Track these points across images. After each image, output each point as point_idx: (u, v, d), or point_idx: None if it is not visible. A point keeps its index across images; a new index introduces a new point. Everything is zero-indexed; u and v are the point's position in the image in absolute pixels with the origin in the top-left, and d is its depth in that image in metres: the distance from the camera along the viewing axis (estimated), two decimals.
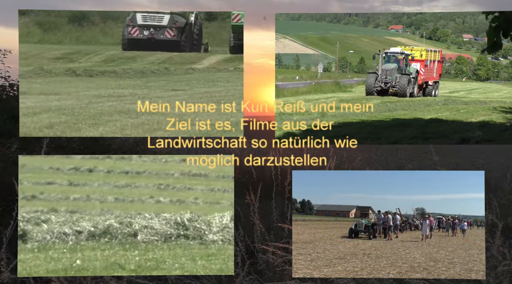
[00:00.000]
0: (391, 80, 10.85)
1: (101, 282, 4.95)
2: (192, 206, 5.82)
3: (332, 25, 13.57)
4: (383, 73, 10.94)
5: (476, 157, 12.10)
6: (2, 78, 8.76)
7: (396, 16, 12.81)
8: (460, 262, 4.94)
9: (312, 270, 4.73)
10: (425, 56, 11.30)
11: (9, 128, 7.73)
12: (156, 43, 10.43)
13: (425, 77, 11.14)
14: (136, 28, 10.34)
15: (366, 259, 4.96)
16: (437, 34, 12.59)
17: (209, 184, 6.36)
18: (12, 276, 4.80)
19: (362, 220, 5.78)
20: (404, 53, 11.39)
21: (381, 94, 10.68)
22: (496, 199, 5.84)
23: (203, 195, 6.14)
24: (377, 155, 10.40)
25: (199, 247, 5.12)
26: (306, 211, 5.35)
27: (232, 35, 10.02)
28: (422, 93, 11.08)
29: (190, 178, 6.40)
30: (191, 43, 11.09)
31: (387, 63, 11.27)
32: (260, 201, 5.73)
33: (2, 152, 8.11)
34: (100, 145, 8.72)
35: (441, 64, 11.41)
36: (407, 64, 11.22)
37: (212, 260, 4.93)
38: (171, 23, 10.56)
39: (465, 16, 12.74)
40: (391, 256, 5.06)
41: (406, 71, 11.15)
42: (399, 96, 10.38)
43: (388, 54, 11.54)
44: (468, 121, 7.23)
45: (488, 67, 11.24)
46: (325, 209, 5.77)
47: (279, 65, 11.52)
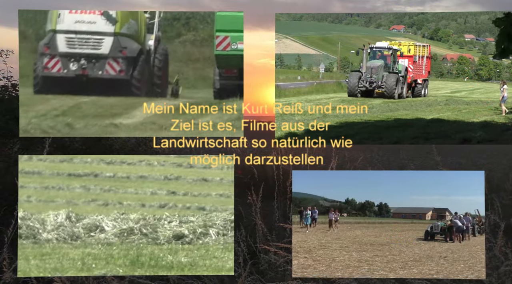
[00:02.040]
0: (377, 79, 9.88)
1: (103, 282, 4.95)
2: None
3: (333, 25, 13.50)
4: (367, 71, 10.01)
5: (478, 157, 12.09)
6: (5, 78, 8.77)
7: (397, 16, 12.73)
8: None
9: (388, 272, 4.69)
10: (414, 51, 10.47)
11: (11, 128, 7.75)
12: (90, 83, 6.76)
13: (414, 75, 10.24)
14: (57, 59, 6.81)
15: (442, 262, 4.88)
16: (438, 34, 12.52)
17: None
18: (14, 276, 4.80)
19: (438, 222, 5.67)
20: (392, 48, 10.52)
21: (366, 95, 9.68)
22: (498, 199, 5.83)
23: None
24: (379, 155, 10.36)
25: (33, 246, 5.06)
26: (383, 214, 5.34)
27: (217, 71, 6.65)
28: (411, 93, 10.13)
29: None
30: (149, 82, 7.17)
31: (373, 60, 10.48)
32: (262, 201, 5.74)
33: (4, 152, 8.13)
34: (102, 145, 8.74)
35: (430, 60, 10.75)
36: (395, 60, 10.37)
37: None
38: (115, 50, 6.87)
39: (466, 16, 12.70)
40: (469, 260, 4.93)
41: (394, 69, 10.27)
42: (386, 98, 9.49)
43: (374, 50, 10.74)
44: (469, 121, 7.22)
45: (490, 67, 11.17)
46: (402, 211, 5.73)
47: (281, 66, 11.52)
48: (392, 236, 5.81)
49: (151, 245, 5.16)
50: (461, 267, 4.74)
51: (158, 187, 6.48)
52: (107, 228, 5.32)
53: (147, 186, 6.48)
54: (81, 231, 5.28)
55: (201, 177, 6.40)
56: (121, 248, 5.11)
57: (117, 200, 6.04)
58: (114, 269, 4.79)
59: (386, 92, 9.54)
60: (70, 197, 5.89)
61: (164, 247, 5.15)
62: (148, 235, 5.26)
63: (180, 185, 6.44)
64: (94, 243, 5.16)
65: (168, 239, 5.22)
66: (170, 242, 5.20)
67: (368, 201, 5.25)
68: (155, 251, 5.08)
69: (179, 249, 5.12)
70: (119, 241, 5.19)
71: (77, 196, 5.90)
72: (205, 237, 5.26)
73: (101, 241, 5.18)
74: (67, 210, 5.49)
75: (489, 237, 5.17)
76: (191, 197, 6.15)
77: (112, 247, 5.12)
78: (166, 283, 5.17)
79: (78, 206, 5.81)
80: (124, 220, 5.45)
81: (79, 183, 6.09)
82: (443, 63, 12.01)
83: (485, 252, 4.85)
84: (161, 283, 5.19)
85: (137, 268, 4.82)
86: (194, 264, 4.87)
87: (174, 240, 5.23)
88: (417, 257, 5.02)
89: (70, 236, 5.22)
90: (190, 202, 5.99)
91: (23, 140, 7.78)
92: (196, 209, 5.76)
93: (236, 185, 5.26)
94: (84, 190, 6.02)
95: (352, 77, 9.81)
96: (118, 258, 4.95)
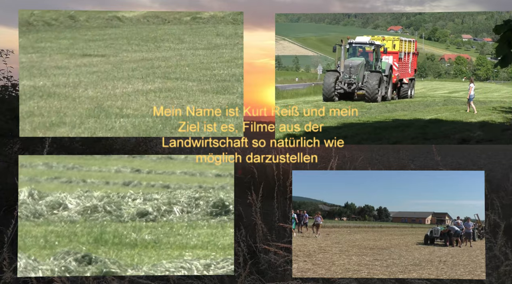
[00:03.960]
0: (356, 80, 8.62)
1: (103, 282, 4.94)
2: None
3: (331, 27, 13.47)
4: (346, 71, 8.78)
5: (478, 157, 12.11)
6: (5, 78, 8.75)
7: (395, 17, 12.68)
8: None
9: (388, 276, 4.69)
10: (399, 47, 9.32)
11: (11, 128, 7.73)
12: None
13: (400, 73, 9.10)
14: None
15: (442, 266, 4.88)
16: (436, 35, 12.51)
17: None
18: (14, 276, 4.79)
19: (438, 226, 5.65)
20: (374, 43, 9.20)
21: (345, 98, 8.48)
22: (498, 199, 5.85)
23: None
24: (379, 155, 10.28)
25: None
26: (383, 218, 5.33)
27: None
28: (397, 94, 9.04)
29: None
30: None
31: (352, 57, 9.24)
32: (261, 201, 5.75)
33: (4, 152, 8.11)
34: (102, 145, 8.73)
35: (416, 57, 9.80)
36: (378, 58, 9.13)
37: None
38: None
39: (464, 16, 12.71)
40: (469, 264, 4.92)
41: (377, 67, 9.04)
42: (368, 101, 8.32)
43: (354, 45, 9.45)
44: (468, 121, 7.23)
45: (487, 67, 11.16)
46: (401, 216, 5.73)
47: (279, 67, 11.52)
48: (391, 240, 5.80)
49: (115, 223, 5.12)
50: (461, 272, 4.75)
51: (122, 165, 6.44)
52: (70, 206, 5.29)
53: (111, 164, 6.45)
54: (43, 209, 5.25)
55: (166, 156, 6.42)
56: (85, 225, 5.09)
57: (80, 178, 5.99)
58: (77, 246, 4.73)
59: (367, 95, 8.33)
60: (32, 175, 5.83)
61: (128, 224, 5.10)
62: (112, 213, 5.23)
63: (144, 163, 6.40)
64: (57, 221, 5.12)
65: (132, 216, 5.19)
66: (134, 220, 5.18)
67: (367, 205, 5.25)
68: (118, 228, 5.03)
69: (143, 226, 5.09)
70: (82, 218, 5.15)
71: (40, 174, 5.86)
72: (169, 214, 5.24)
73: (64, 219, 5.15)
74: (29, 188, 5.44)
75: (489, 237, 5.19)
76: (155, 175, 6.14)
77: (75, 224, 5.08)
78: (166, 283, 5.16)
79: (41, 183, 5.75)
80: (87, 198, 5.42)
81: (41, 160, 6.02)
82: (440, 64, 12.02)
83: (485, 252, 4.86)
84: (161, 283, 5.19)
85: (101, 245, 4.77)
86: (158, 242, 4.83)
87: (138, 217, 5.21)
88: (416, 261, 5.03)
89: (33, 213, 5.18)
90: (154, 180, 5.96)
91: (23, 140, 7.77)
92: (161, 187, 5.74)
93: (236, 185, 5.27)
94: (46, 167, 5.97)
95: (327, 77, 8.55)
96: (81, 236, 4.92)
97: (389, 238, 5.88)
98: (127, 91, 6.01)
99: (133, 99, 5.73)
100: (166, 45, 8.58)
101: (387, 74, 8.75)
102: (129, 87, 6.19)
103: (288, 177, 5.77)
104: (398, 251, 5.36)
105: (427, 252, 5.39)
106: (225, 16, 7.97)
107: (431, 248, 5.56)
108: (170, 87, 6.20)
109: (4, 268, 4.77)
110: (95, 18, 7.89)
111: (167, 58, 7.92)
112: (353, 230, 6.24)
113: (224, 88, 5.96)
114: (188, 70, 6.99)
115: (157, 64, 7.56)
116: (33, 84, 6.06)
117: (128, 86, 6.21)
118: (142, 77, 6.71)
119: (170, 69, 7.20)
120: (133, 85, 6.27)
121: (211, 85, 6.15)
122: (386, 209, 5.17)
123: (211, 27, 8.78)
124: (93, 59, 7.78)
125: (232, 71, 6.10)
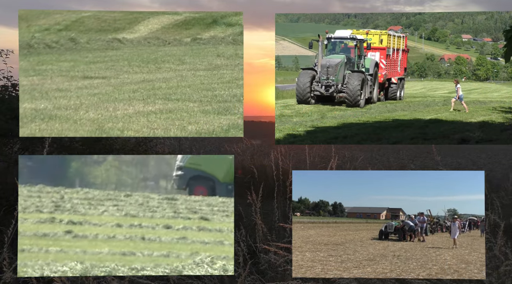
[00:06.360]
0: (335, 81, 7.49)
1: (103, 282, 4.95)
2: None
3: (331, 27, 13.47)
4: (323, 71, 7.67)
5: (478, 157, 12.13)
6: (5, 78, 8.76)
7: (395, 17, 12.67)
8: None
9: (342, 271, 4.72)
10: (387, 42, 8.19)
11: (11, 128, 7.73)
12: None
13: (388, 72, 8.08)
14: None
15: (396, 261, 4.92)
16: (436, 35, 12.49)
17: None
18: (14, 276, 4.80)
19: (392, 222, 5.66)
20: (357, 38, 7.99)
21: (322, 101, 7.26)
22: (498, 199, 5.86)
23: None
24: (379, 155, 10.29)
25: None
26: (338, 213, 5.34)
27: None
28: (384, 95, 8.01)
29: None
30: None
31: (332, 55, 8.15)
32: (261, 201, 5.75)
33: (4, 152, 8.12)
34: (102, 145, 8.74)
35: (407, 54, 8.88)
36: (361, 54, 7.95)
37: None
38: None
39: (464, 16, 12.70)
40: (421, 258, 4.98)
41: (360, 65, 7.91)
42: (349, 105, 7.10)
43: (333, 41, 8.33)
44: (467, 121, 7.23)
45: (487, 67, 11.16)
46: (357, 211, 5.74)
47: (278, 67, 11.50)
48: (346, 235, 5.82)
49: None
50: (414, 266, 4.79)
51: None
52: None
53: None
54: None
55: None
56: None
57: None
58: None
59: (348, 98, 7.16)
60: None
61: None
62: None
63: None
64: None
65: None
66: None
67: (322, 201, 5.27)
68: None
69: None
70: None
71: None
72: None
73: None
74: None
75: (489, 237, 5.20)
76: None
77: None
78: (166, 283, 5.18)
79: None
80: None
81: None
82: (440, 64, 12.02)
83: (485, 252, 4.87)
84: (161, 283, 5.20)
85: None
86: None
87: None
88: (371, 256, 5.08)
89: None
90: None
91: (23, 140, 7.77)
92: None
93: (236, 185, 5.27)
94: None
95: (301, 76, 7.51)
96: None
97: (344, 233, 5.89)
98: (128, 113, 6.05)
99: (134, 120, 5.77)
100: (167, 66, 8.63)
101: (371, 73, 7.78)
102: (130, 108, 6.23)
103: (288, 177, 5.78)
104: (353, 247, 5.40)
105: (381, 247, 5.44)
106: (225, 37, 7.99)
107: (385, 243, 5.61)
108: (171, 108, 6.24)
109: (4, 268, 4.78)
110: (95, 40, 7.91)
111: (168, 79, 7.99)
112: (307, 225, 6.27)
113: (226, 108, 6.00)
114: (189, 91, 7.04)
115: (158, 85, 7.62)
116: (34, 107, 6.07)
117: (129, 108, 6.25)
118: (143, 98, 6.75)
119: (171, 90, 7.26)
120: (134, 107, 6.29)
121: (212, 106, 6.19)
122: (341, 204, 5.20)
123: (212, 47, 8.84)
124: (94, 81, 7.78)
125: (233, 92, 6.14)
